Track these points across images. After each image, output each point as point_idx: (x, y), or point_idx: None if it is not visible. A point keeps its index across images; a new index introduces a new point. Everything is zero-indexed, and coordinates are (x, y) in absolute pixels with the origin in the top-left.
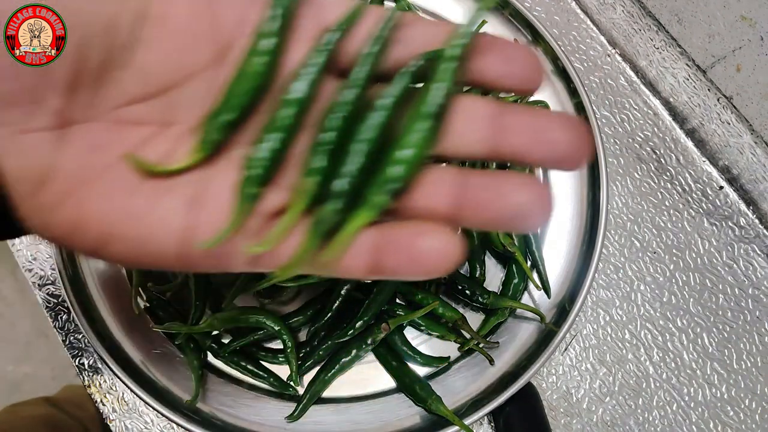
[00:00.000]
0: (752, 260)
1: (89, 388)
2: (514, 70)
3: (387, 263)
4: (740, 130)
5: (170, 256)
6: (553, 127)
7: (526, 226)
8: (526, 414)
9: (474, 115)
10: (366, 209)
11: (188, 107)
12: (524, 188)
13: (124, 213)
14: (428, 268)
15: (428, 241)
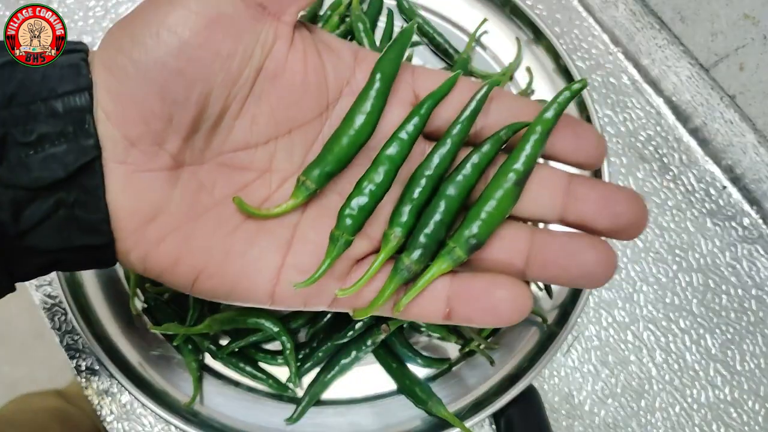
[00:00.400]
0: (756, 260)
1: (86, 390)
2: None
3: (462, 311)
4: (743, 129)
5: (260, 294)
6: (620, 200)
7: (591, 284)
8: (528, 416)
9: (549, 182)
10: (444, 260)
11: (288, 156)
12: (592, 249)
13: (223, 250)
14: (501, 317)
15: (502, 292)
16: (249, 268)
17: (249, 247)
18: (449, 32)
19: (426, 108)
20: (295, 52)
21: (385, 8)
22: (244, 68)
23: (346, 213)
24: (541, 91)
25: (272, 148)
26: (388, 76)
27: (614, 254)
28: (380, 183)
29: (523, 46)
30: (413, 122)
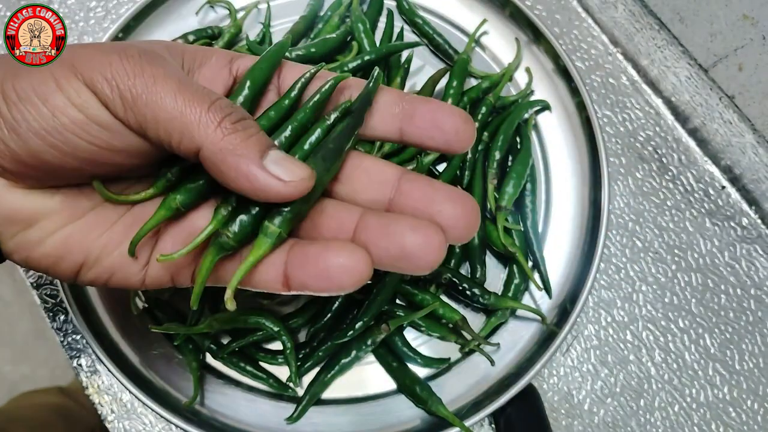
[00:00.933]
0: (754, 260)
1: (87, 389)
2: (441, 134)
3: (297, 277)
4: (742, 129)
5: (135, 280)
6: (442, 199)
7: (413, 267)
8: (527, 415)
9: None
10: (263, 241)
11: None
12: (413, 231)
13: (101, 245)
14: (334, 282)
15: (338, 255)
16: (125, 258)
17: (124, 239)
18: (449, 33)
19: (282, 103)
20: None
21: (385, 9)
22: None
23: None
24: (540, 92)
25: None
26: (258, 84)
27: (440, 237)
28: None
29: (523, 47)
30: (270, 114)
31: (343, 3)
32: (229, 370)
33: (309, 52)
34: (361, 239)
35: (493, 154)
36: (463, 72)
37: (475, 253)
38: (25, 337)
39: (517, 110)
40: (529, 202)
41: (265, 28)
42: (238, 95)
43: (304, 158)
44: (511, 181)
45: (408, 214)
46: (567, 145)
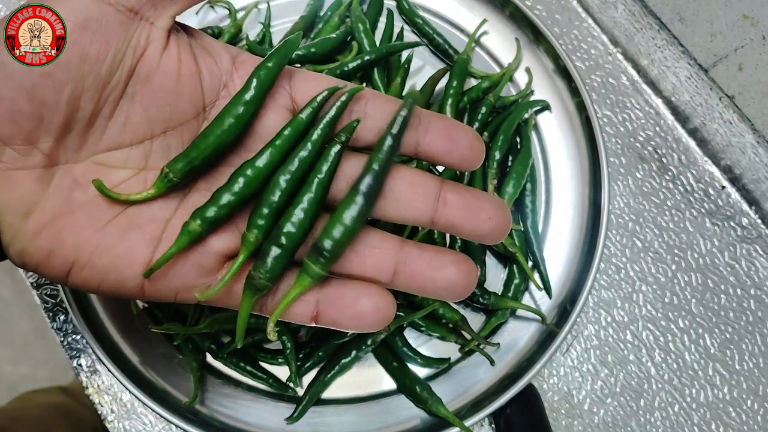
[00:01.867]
0: (754, 260)
1: (87, 389)
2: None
3: (329, 315)
4: (742, 129)
5: (130, 286)
6: (484, 207)
7: (452, 297)
8: (527, 415)
9: (421, 187)
10: (303, 278)
11: (164, 156)
12: (453, 266)
13: (94, 244)
14: (365, 323)
15: (367, 301)
16: (119, 261)
17: (119, 242)
18: (449, 33)
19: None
20: (169, 56)
21: (385, 9)
22: (114, 71)
23: (202, 208)
24: (540, 92)
25: (147, 147)
26: (264, 83)
27: (475, 270)
28: (243, 185)
29: (523, 47)
30: (285, 133)
31: (343, 3)
32: (229, 370)
33: (309, 52)
34: (406, 271)
35: (493, 154)
36: (463, 72)
37: (475, 253)
38: (25, 337)
39: (517, 110)
40: (529, 202)
41: (265, 28)
42: (244, 94)
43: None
44: (511, 181)
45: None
46: (567, 145)
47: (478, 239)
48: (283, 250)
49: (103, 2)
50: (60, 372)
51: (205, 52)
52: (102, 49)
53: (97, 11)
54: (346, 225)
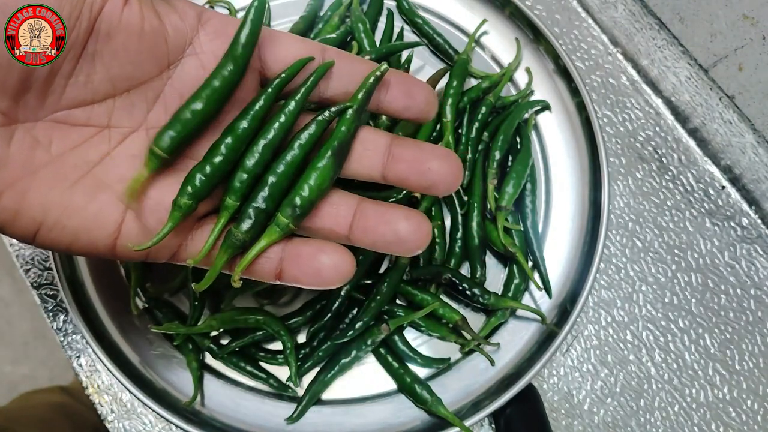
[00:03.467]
0: (754, 260)
1: (87, 389)
2: (414, 104)
3: (291, 272)
4: (742, 129)
5: (101, 247)
6: (430, 158)
7: (404, 251)
8: (527, 415)
9: (371, 144)
10: (273, 230)
11: (128, 114)
12: (404, 220)
13: (63, 204)
14: (324, 279)
15: (325, 258)
16: (89, 222)
17: (88, 202)
18: (449, 33)
19: (273, 89)
20: (130, 13)
21: (385, 9)
22: (71, 29)
23: (189, 182)
24: (540, 92)
25: (110, 105)
26: (240, 58)
27: (428, 225)
28: (225, 154)
29: (523, 47)
30: (261, 100)
31: (343, 3)
32: (229, 370)
33: None
34: (360, 226)
35: (493, 154)
36: (463, 72)
37: (475, 253)
38: (25, 337)
39: (517, 110)
40: (529, 202)
41: None
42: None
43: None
44: (511, 181)
45: (402, 176)
46: (567, 145)
47: (426, 190)
48: (262, 211)
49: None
50: (60, 372)
51: (169, 8)
52: (55, 6)
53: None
54: (318, 183)
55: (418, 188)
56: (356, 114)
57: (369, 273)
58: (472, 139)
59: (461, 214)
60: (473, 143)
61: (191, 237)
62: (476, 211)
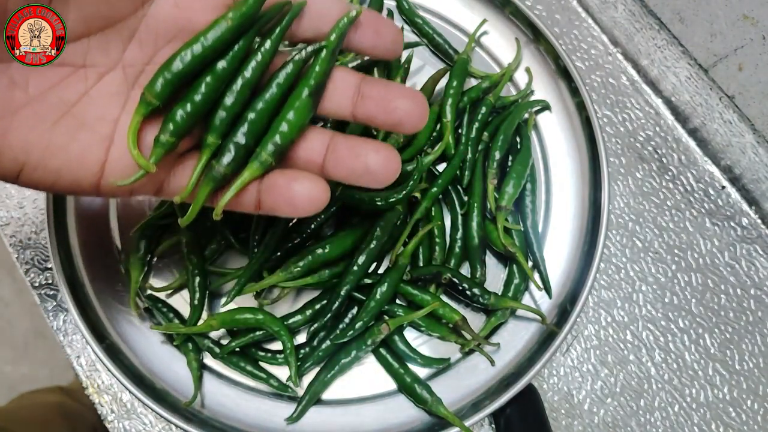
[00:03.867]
0: (754, 260)
1: (87, 389)
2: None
3: (267, 201)
4: (742, 129)
5: (85, 185)
6: (396, 96)
7: (374, 182)
8: (527, 415)
9: (342, 83)
10: (253, 165)
11: (104, 53)
12: (373, 152)
13: (44, 144)
14: (299, 207)
15: (298, 186)
16: (72, 162)
17: (70, 142)
18: (449, 33)
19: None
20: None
21: (385, 9)
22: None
23: (170, 119)
24: (540, 92)
25: (85, 44)
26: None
27: (396, 157)
28: (205, 93)
29: (523, 47)
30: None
31: None
32: (229, 370)
33: None
34: (332, 159)
35: (493, 154)
36: (463, 72)
37: (475, 253)
38: (25, 337)
39: (517, 110)
40: (529, 202)
41: None
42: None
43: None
44: (511, 181)
45: (370, 114)
46: (567, 145)
47: (393, 128)
48: (243, 146)
49: None
50: (60, 372)
51: None
52: None
53: None
54: (296, 121)
55: (385, 125)
56: (331, 54)
57: (369, 273)
58: (472, 139)
59: (461, 214)
60: (473, 143)
61: (173, 173)
62: (476, 211)
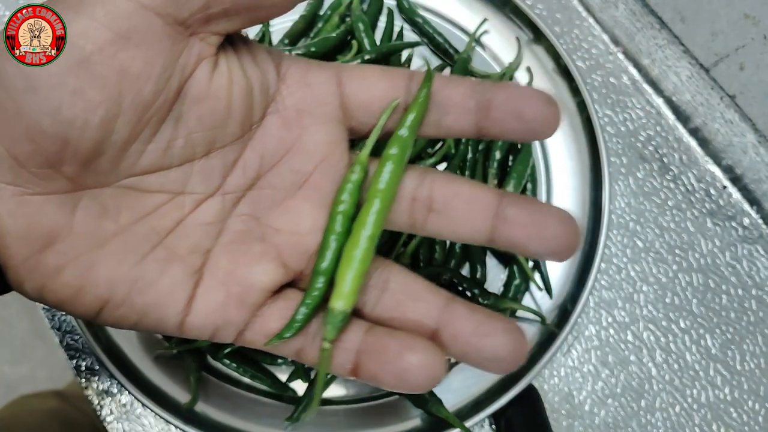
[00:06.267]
0: (756, 261)
1: (86, 390)
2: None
3: (369, 369)
4: (744, 129)
5: (170, 325)
6: (551, 223)
7: (495, 369)
8: (528, 416)
9: (476, 202)
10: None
11: (205, 179)
12: (504, 335)
13: (130, 280)
14: (410, 383)
15: (414, 357)
16: (159, 298)
17: (159, 277)
18: (449, 32)
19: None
20: (219, 75)
21: (385, 8)
22: (160, 92)
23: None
24: None
25: (188, 170)
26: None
27: (526, 343)
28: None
29: (523, 46)
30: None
31: (344, 2)
32: (229, 371)
33: (309, 51)
34: (449, 331)
35: (494, 154)
36: (463, 71)
37: (475, 253)
38: (24, 338)
39: None
40: None
41: (265, 27)
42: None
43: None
44: (511, 181)
45: (516, 242)
46: (567, 144)
47: (544, 258)
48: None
49: (149, 11)
50: (59, 372)
51: (253, 64)
52: (146, 66)
53: (142, 21)
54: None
55: (535, 256)
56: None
57: None
58: (472, 139)
59: None
60: (473, 143)
61: (261, 312)
62: None
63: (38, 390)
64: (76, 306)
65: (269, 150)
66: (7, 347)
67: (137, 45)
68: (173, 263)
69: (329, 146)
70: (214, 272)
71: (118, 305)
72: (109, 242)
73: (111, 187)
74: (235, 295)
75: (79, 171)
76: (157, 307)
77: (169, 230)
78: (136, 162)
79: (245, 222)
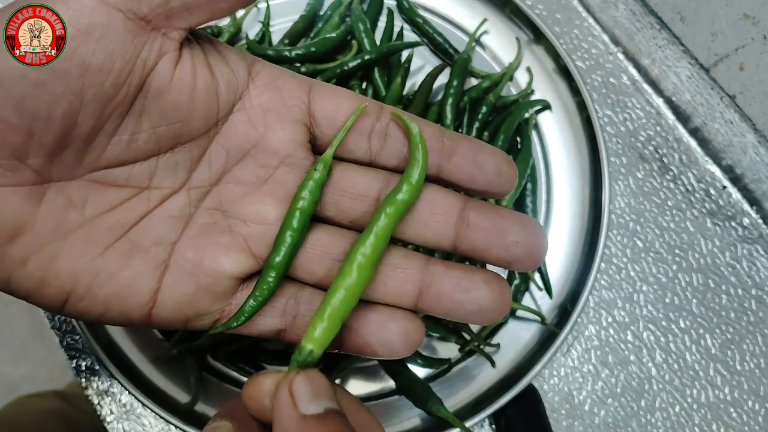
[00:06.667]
0: (755, 260)
1: (86, 390)
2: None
3: (356, 341)
4: (743, 129)
5: (135, 316)
6: (513, 229)
7: (483, 320)
8: (528, 416)
9: (442, 208)
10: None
11: (171, 173)
12: (485, 286)
13: (93, 272)
14: (393, 350)
15: (394, 326)
16: (122, 291)
17: (121, 269)
18: (449, 32)
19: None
20: (183, 70)
21: (385, 8)
22: (120, 85)
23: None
24: (541, 91)
25: (153, 164)
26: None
27: (508, 290)
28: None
29: (523, 46)
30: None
31: (344, 2)
32: (230, 371)
33: (309, 51)
34: (432, 294)
35: None
36: (463, 71)
37: None
38: (24, 338)
39: (518, 110)
40: (530, 202)
41: (265, 27)
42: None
43: None
44: None
45: (477, 247)
46: (567, 144)
47: (508, 266)
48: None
49: (110, 7)
50: (59, 372)
51: (221, 61)
52: (106, 60)
53: (102, 17)
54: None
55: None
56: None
57: None
58: None
59: None
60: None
61: (234, 299)
62: None
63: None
64: (42, 297)
65: (234, 145)
66: (7, 347)
67: (98, 40)
68: (136, 256)
69: (294, 144)
70: (181, 264)
71: (81, 297)
72: (72, 234)
73: (78, 180)
74: (204, 286)
75: (44, 163)
76: (119, 299)
77: (134, 223)
78: (100, 155)
79: (212, 215)
